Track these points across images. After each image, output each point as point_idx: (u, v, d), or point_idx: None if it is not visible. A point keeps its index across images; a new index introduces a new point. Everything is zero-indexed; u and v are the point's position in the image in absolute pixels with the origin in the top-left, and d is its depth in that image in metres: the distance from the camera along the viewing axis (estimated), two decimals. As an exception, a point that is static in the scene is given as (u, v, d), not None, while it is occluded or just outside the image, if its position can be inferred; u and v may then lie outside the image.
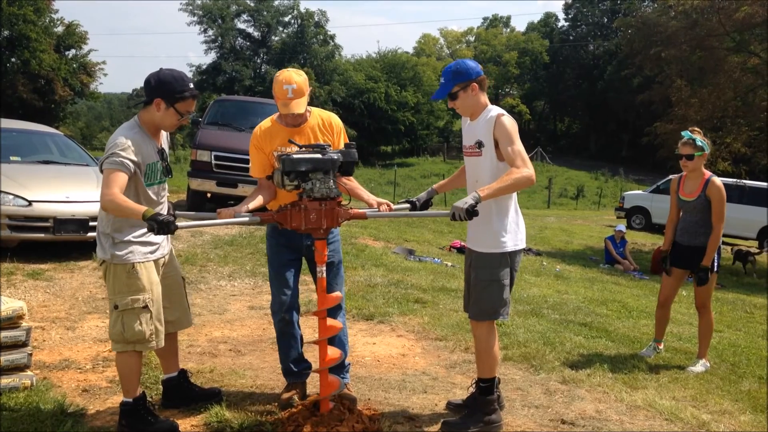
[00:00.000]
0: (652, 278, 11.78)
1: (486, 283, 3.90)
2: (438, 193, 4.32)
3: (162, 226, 3.23)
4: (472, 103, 3.87)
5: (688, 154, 5.60)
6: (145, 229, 3.63)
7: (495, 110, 3.82)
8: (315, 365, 4.15)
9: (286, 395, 4.21)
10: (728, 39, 16.56)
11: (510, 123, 3.75)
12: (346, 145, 3.92)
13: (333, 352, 3.88)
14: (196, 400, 4.07)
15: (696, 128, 5.81)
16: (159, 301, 3.71)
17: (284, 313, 4.20)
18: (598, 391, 4.77)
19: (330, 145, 3.83)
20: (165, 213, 3.76)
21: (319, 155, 3.63)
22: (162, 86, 3.59)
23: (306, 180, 3.63)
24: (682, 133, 5.73)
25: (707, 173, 5.65)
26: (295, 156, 3.61)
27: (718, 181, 5.59)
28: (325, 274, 3.79)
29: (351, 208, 3.79)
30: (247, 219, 3.72)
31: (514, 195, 3.93)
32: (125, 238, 3.59)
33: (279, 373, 4.56)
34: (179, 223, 3.36)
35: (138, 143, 3.55)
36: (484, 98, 3.89)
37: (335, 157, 3.66)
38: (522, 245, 3.98)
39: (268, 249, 4.31)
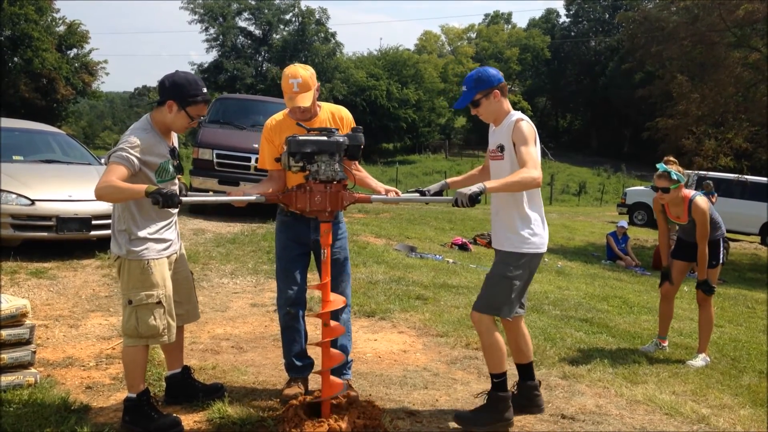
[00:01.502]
0: (653, 274, 11.79)
1: (498, 278, 3.94)
2: (450, 188, 4.34)
3: (167, 198, 3.30)
4: (495, 109, 3.94)
5: (663, 187, 5.62)
6: (160, 226, 3.71)
7: (516, 115, 3.89)
8: (317, 362, 4.18)
9: (288, 391, 4.23)
10: (729, 34, 16.55)
11: (527, 128, 3.82)
12: (353, 128, 3.95)
13: (336, 354, 3.90)
14: (199, 396, 4.10)
15: (671, 158, 5.78)
16: (171, 296, 3.78)
17: (290, 307, 4.25)
18: (598, 386, 4.80)
19: (338, 130, 3.86)
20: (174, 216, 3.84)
21: (324, 137, 3.67)
22: (175, 89, 3.65)
23: (312, 162, 3.67)
24: (657, 165, 5.71)
25: (688, 194, 5.67)
26: (300, 138, 3.66)
27: (701, 202, 5.61)
28: (329, 257, 3.81)
29: (356, 192, 3.82)
30: (253, 197, 3.78)
31: (539, 199, 4.00)
32: (141, 235, 3.65)
33: (281, 370, 4.60)
34: (184, 198, 3.43)
35: (150, 144, 3.62)
36: (507, 104, 3.97)
37: (341, 140, 3.69)
38: (543, 249, 4.00)
39: (276, 244, 4.34)
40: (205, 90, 3.73)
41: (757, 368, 5.70)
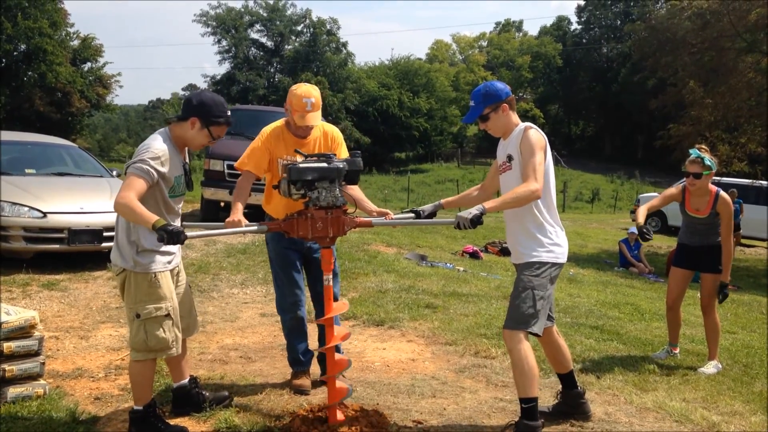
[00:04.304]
0: (667, 280, 11.68)
1: (520, 291, 3.86)
2: (444, 208, 4.32)
3: (172, 236, 3.28)
4: (503, 123, 3.94)
5: (696, 172, 5.54)
6: (157, 241, 3.71)
7: (525, 124, 3.89)
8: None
9: (297, 382, 4.53)
10: (740, 39, 16.48)
11: (535, 137, 3.79)
12: (351, 153, 4.01)
13: (341, 359, 3.95)
14: (207, 405, 4.11)
15: (703, 146, 5.74)
16: (177, 308, 3.79)
17: (297, 311, 4.55)
18: (607, 394, 4.77)
19: (335, 155, 3.92)
20: (178, 223, 3.85)
21: (325, 164, 3.71)
22: (202, 107, 3.70)
23: (312, 189, 3.70)
24: (690, 151, 5.65)
25: (713, 188, 5.61)
26: (301, 165, 3.70)
27: (727, 196, 5.59)
28: (331, 283, 3.87)
29: (357, 217, 3.85)
30: (255, 228, 3.83)
31: (553, 208, 3.95)
32: (148, 247, 3.65)
33: (289, 379, 4.64)
34: (188, 233, 3.42)
35: (169, 156, 3.64)
36: (515, 117, 3.95)
37: (341, 166, 3.74)
38: (563, 259, 3.95)
39: (271, 251, 4.56)
40: (229, 113, 3.79)
41: (770, 375, 5.64)
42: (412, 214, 4.24)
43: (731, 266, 5.77)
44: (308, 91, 4.21)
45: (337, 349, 4.21)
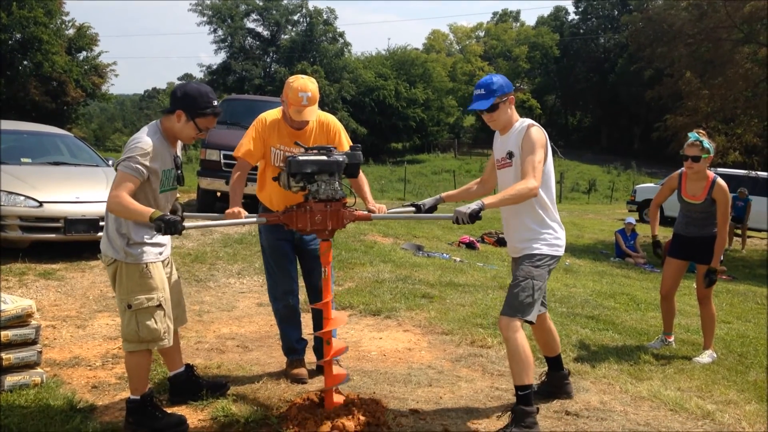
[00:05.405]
0: (662, 271, 11.70)
1: (520, 279, 3.90)
2: (444, 201, 4.35)
3: (169, 226, 3.28)
4: (507, 117, 3.98)
5: (694, 155, 5.54)
6: (155, 231, 3.70)
7: (527, 121, 3.94)
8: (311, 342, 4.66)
9: (295, 371, 4.54)
10: (736, 30, 16.46)
11: (537, 134, 3.84)
12: (351, 147, 4.02)
13: (339, 370, 3.99)
14: (204, 392, 4.12)
15: (701, 130, 5.75)
16: (169, 299, 3.78)
17: (289, 300, 4.55)
18: (602, 383, 4.80)
19: (335, 147, 3.91)
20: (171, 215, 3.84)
21: (324, 157, 3.71)
22: (186, 99, 3.66)
23: (312, 182, 3.70)
24: (689, 134, 5.64)
25: (711, 174, 5.60)
26: (301, 158, 3.68)
27: (723, 182, 5.57)
28: (329, 275, 3.88)
29: (356, 210, 3.85)
30: (254, 219, 3.83)
31: (552, 203, 3.99)
32: (139, 240, 3.64)
33: (285, 368, 4.64)
34: (186, 224, 3.42)
35: (158, 149, 3.62)
36: (515, 113, 4.01)
37: (341, 159, 3.74)
38: (561, 252, 4.03)
39: (264, 242, 4.56)
40: (215, 103, 3.73)
41: (764, 364, 5.66)
42: (413, 208, 4.26)
43: (724, 255, 5.78)
44: (305, 85, 4.11)
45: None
